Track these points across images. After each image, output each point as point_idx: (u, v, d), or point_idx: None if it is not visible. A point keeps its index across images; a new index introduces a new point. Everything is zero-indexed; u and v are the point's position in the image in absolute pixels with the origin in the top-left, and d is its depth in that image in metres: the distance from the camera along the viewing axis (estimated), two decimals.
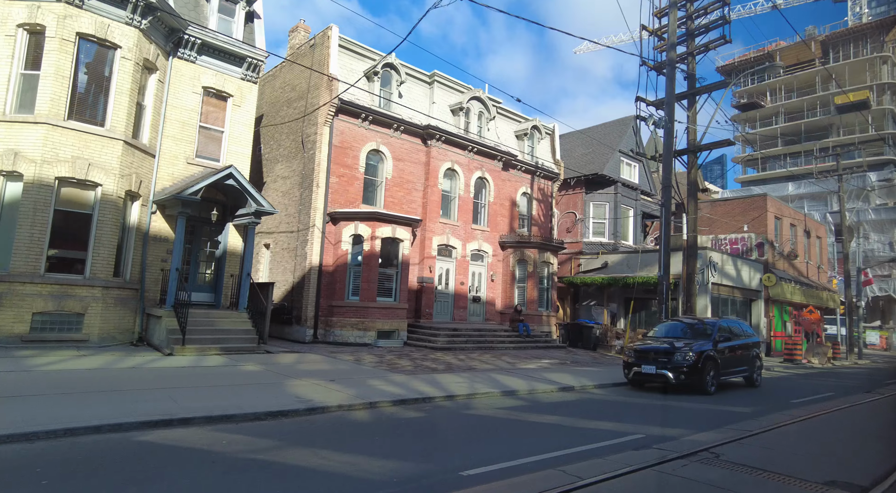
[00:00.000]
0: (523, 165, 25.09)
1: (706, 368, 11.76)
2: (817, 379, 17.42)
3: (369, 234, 17.98)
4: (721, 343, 12.63)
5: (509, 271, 23.93)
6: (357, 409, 8.03)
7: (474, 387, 10.49)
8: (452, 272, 21.80)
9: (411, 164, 20.90)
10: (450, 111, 22.45)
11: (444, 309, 21.41)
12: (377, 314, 17.87)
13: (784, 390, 13.67)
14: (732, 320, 14.42)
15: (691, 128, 17.36)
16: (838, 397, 12.48)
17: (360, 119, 19.18)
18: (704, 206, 31.79)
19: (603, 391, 11.83)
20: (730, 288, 25.03)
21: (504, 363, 15.27)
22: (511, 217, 24.88)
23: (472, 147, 22.31)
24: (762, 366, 14.30)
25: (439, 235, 21.24)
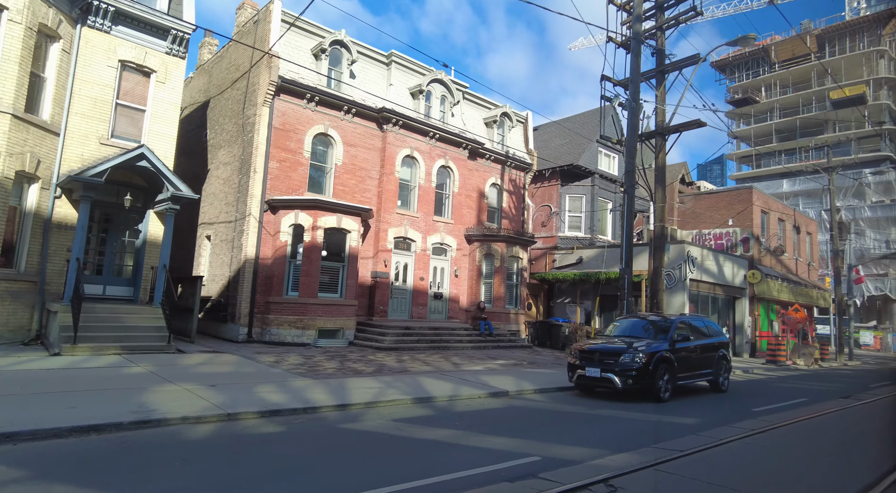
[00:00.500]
0: (492, 154, 23.65)
1: (658, 371, 10.33)
2: (796, 382, 16.00)
3: (310, 224, 16.54)
4: (680, 343, 11.21)
5: (475, 266, 22.51)
6: (206, 421, 6.61)
7: (384, 394, 9.07)
8: (411, 267, 20.37)
9: (365, 150, 19.46)
10: (409, 94, 21.02)
11: (401, 306, 19.98)
12: (318, 312, 16.44)
13: (752, 396, 12.25)
14: (696, 317, 12.99)
15: (660, 108, 15.93)
16: (810, 404, 11.07)
17: (304, 100, 17.75)
18: (688, 199, 30.38)
19: (541, 397, 10.40)
20: (710, 285, 23.62)
21: (448, 365, 13.85)
22: (479, 209, 23.45)
23: (433, 133, 20.87)
24: (730, 368, 12.88)
25: (396, 227, 19.81)
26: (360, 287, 19.02)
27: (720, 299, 24.76)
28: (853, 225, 33.54)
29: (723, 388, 12.42)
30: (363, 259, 19.16)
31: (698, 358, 11.78)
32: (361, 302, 19.04)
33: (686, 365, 11.30)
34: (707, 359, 12.10)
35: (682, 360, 11.16)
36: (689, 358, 11.45)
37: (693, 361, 11.59)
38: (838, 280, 29.11)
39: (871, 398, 12.30)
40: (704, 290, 23.29)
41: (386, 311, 19.34)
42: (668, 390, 10.56)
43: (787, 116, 64.76)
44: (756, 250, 27.45)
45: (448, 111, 21.86)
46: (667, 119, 15.94)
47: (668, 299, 21.94)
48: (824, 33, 64.11)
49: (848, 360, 28.85)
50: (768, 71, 67.76)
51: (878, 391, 14.07)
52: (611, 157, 28.50)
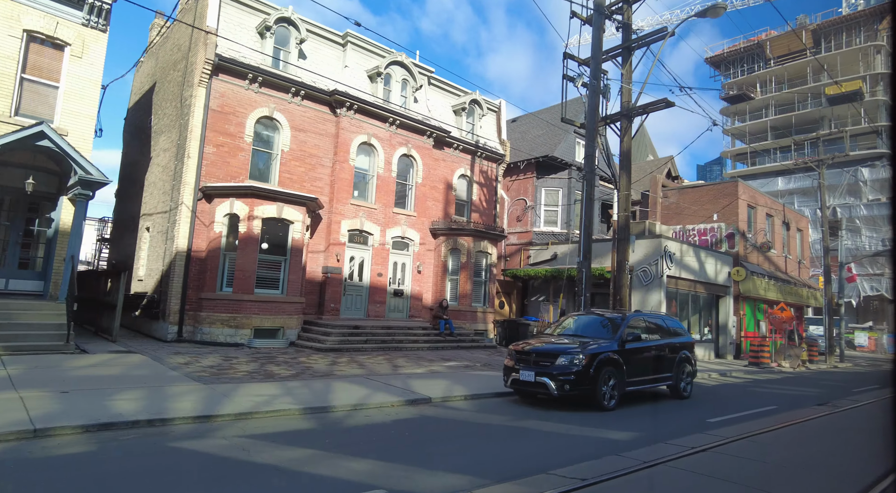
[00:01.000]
0: (461, 143, 22.34)
1: (601, 375, 9.01)
2: (773, 387, 14.68)
3: (246, 213, 15.22)
4: (631, 343, 9.89)
5: (441, 261, 21.20)
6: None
7: (271, 403, 7.76)
8: (368, 262, 19.05)
9: (316, 135, 18.15)
10: (367, 77, 19.70)
11: (355, 304, 18.67)
12: (254, 309, 15.11)
13: (715, 404, 10.93)
14: (656, 315, 11.66)
15: (626, 88, 14.62)
16: (778, 413, 9.76)
17: (246, 81, 16.44)
18: (672, 194, 29.06)
19: (467, 405, 9.09)
20: (691, 282, 22.30)
21: (386, 368, 12.54)
22: (446, 202, 22.13)
23: (393, 119, 19.56)
24: (694, 372, 11.55)
25: (351, 219, 18.49)
26: (310, 284, 17.72)
27: (702, 298, 23.45)
28: (845, 221, 32.17)
29: (684, 394, 11.08)
30: (313, 253, 17.86)
31: (655, 361, 10.46)
32: (311, 300, 17.74)
33: (638, 368, 9.99)
34: (666, 362, 10.78)
35: (633, 362, 9.84)
36: (642, 360, 10.13)
37: (648, 363, 10.27)
38: (829, 278, 27.77)
39: (849, 405, 10.98)
40: (684, 287, 21.97)
41: (338, 309, 18.03)
42: (613, 397, 9.23)
43: (783, 112, 63.48)
44: (741, 247, 26.14)
45: (410, 96, 20.54)
46: (633, 99, 14.63)
47: (644, 297, 20.65)
48: (820, 28, 62.81)
49: (839, 362, 27.53)
50: (763, 67, 66.53)
51: (860, 397, 12.76)
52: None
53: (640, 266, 20.89)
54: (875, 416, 10.35)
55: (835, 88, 57.60)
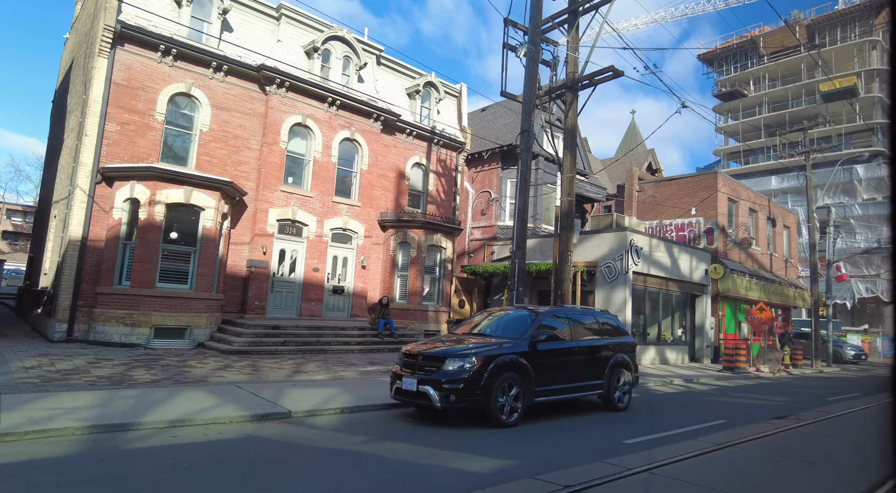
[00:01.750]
0: (415, 129, 20.67)
1: (498, 383, 7.32)
2: (737, 396, 12.99)
3: (147, 197, 13.54)
4: (546, 343, 8.20)
5: (389, 256, 19.53)
6: None
7: (49, 421, 6.07)
8: (302, 256, 17.37)
9: (242, 115, 16.49)
10: (304, 54, 18.04)
11: (287, 302, 16.98)
12: (155, 306, 13.42)
13: (653, 418, 9.24)
14: (585, 311, 9.93)
15: (571, 57, 12.94)
16: (724, 430, 8.07)
17: (158, 52, 14.79)
18: (648, 187, 27.39)
19: (334, 421, 7.40)
20: (662, 280, 20.60)
21: (283, 374, 10.86)
22: (397, 192, 20.47)
23: (333, 99, 17.91)
24: (634, 379, 9.84)
25: (281, 208, 16.82)
26: (232, 279, 16.05)
27: (675, 297, 21.74)
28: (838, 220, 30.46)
29: (619, 406, 9.37)
30: (236, 245, 16.19)
31: (578, 365, 8.76)
32: (233, 297, 16.07)
33: (554, 374, 8.29)
34: (595, 366, 9.08)
35: (546, 367, 8.15)
36: (560, 365, 8.44)
37: (567, 368, 8.57)
38: (815, 277, 26.06)
39: (813, 419, 9.29)
40: (654, 285, 20.27)
41: (264, 307, 16.34)
42: (515, 410, 7.53)
43: (777, 110, 61.89)
44: (721, 243, 24.46)
45: (353, 75, 18.87)
46: (580, 69, 12.96)
47: (608, 295, 18.97)
48: (814, 24, 61.26)
49: (826, 366, 25.85)
50: (757, 64, 64.97)
51: (832, 407, 11.06)
52: (557, 137, 25.49)
53: (605, 262, 19.22)
54: (843, 432, 8.66)
55: (829, 84, 55.99)
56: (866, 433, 8.55)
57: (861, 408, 11.29)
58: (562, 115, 25.40)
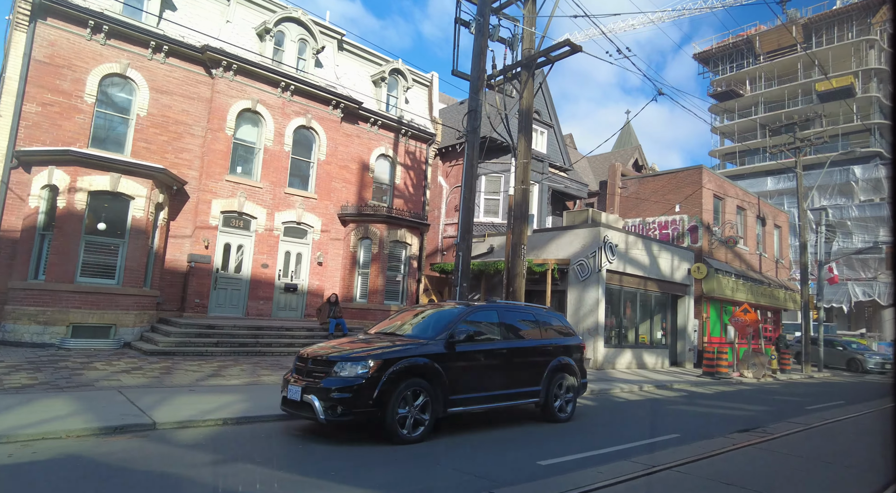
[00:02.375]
0: (380, 118, 19.56)
1: (398, 391, 6.18)
2: (708, 404, 11.84)
3: (67, 184, 12.42)
4: (464, 345, 7.05)
5: (349, 252, 18.40)
6: None
7: None
8: (249, 250, 16.24)
9: (185, 99, 15.39)
10: (256, 36, 16.95)
11: (231, 300, 15.85)
12: (74, 302, 12.29)
13: (597, 430, 8.07)
14: (523, 307, 8.76)
15: (527, 32, 11.83)
16: (671, 447, 6.93)
17: (88, 29, 13.70)
18: (631, 183, 26.27)
19: (204, 435, 6.26)
20: (640, 279, 19.45)
21: (195, 378, 9.73)
22: (360, 184, 19.35)
23: (287, 84, 16.81)
24: (580, 385, 8.70)
25: (226, 199, 15.70)
26: (171, 274, 14.93)
27: (654, 297, 20.58)
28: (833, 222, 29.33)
29: (560, 416, 8.21)
30: (176, 238, 15.07)
31: (510, 369, 7.61)
32: (172, 293, 14.94)
33: (478, 380, 7.15)
34: (531, 371, 7.93)
35: (467, 372, 7.02)
36: (485, 369, 7.30)
37: (495, 373, 7.42)
38: (806, 278, 24.93)
39: (782, 432, 8.15)
40: (631, 285, 19.12)
41: (205, 305, 15.20)
42: (421, 422, 6.39)
43: (773, 110, 60.84)
44: (706, 241, 23.31)
45: (310, 60, 17.76)
46: (537, 45, 11.84)
47: (580, 295, 17.83)
48: (811, 23, 60.27)
49: (817, 371, 24.67)
50: (753, 63, 63.99)
51: (809, 417, 9.91)
52: (537, 131, 24.40)
53: (578, 259, 18.08)
54: (812, 449, 7.50)
55: (826, 84, 54.95)
56: (838, 449, 7.41)
57: (841, 418, 10.15)
58: (541, 105, 24.27)
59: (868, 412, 11.48)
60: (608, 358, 17.61)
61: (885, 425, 9.96)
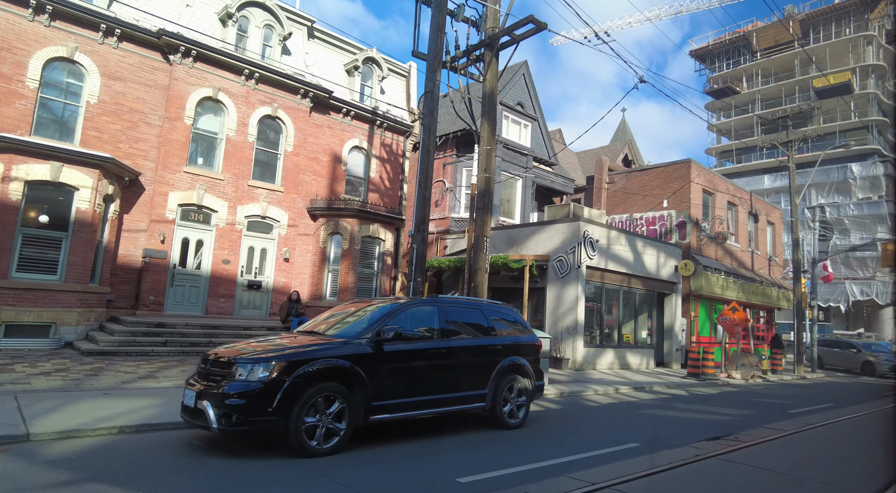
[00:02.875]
0: (353, 109, 18.79)
1: (304, 397, 5.40)
2: (684, 408, 11.06)
3: (1, 173, 11.64)
4: (393, 344, 6.27)
5: (319, 248, 17.63)
6: None
7: None
8: (210, 246, 15.47)
9: (140, 86, 14.61)
10: (218, 21, 16.18)
11: (190, 297, 15.07)
12: (8, 299, 11.49)
13: (547, 439, 7.28)
14: (469, 302, 7.92)
15: (491, 9, 11.04)
16: (625, 459, 6.17)
17: (29, 9, 12.93)
18: (619, 178, 25.48)
19: (82, 446, 5.49)
20: (623, 276, 18.67)
21: (125, 379, 8.96)
22: (332, 178, 18.58)
23: (251, 72, 16.04)
24: (535, 388, 7.92)
25: (184, 191, 14.93)
26: (124, 270, 14.16)
27: (638, 295, 19.80)
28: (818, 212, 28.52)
29: (510, 421, 7.44)
30: (130, 232, 14.29)
31: (450, 371, 6.84)
32: (125, 290, 14.17)
33: (410, 383, 6.38)
34: (476, 372, 7.16)
35: (397, 374, 6.25)
36: (419, 371, 6.52)
37: (432, 375, 6.65)
38: (798, 276, 24.17)
39: (756, 439, 7.37)
40: (614, 282, 18.34)
41: (161, 302, 14.43)
42: (334, 432, 5.61)
43: (770, 107, 60.06)
44: (694, 237, 22.54)
45: (277, 47, 16.99)
46: (501, 23, 11.06)
47: (560, 292, 17.06)
48: (808, 18, 59.51)
49: (810, 371, 23.89)
50: (750, 60, 63.28)
51: (790, 423, 9.12)
52: (520, 123, 23.63)
53: (557, 255, 17.31)
54: (783, 460, 6.72)
55: (823, 80, 54.18)
56: (817, 459, 6.63)
57: (825, 423, 9.37)
58: (525, 97, 23.50)
59: (856, 416, 10.70)
60: (588, 358, 16.83)
61: (873, 431, 9.19)
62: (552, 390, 11.34)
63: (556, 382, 12.94)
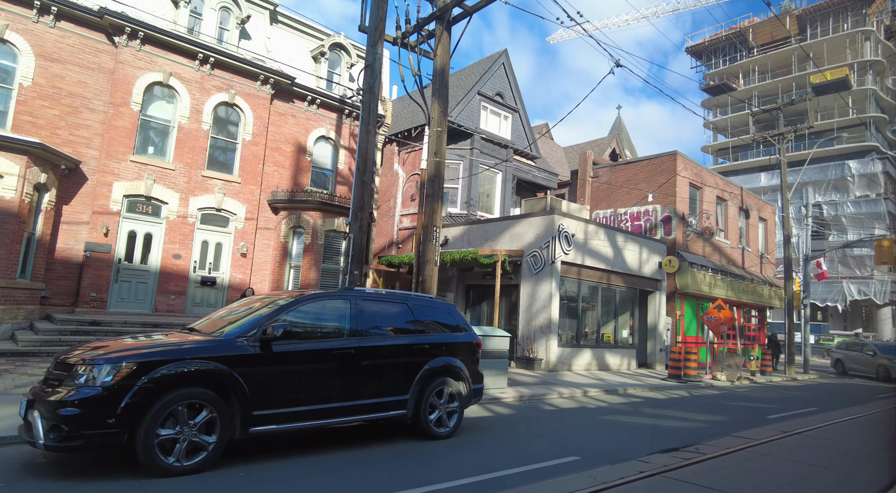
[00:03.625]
0: (318, 96, 17.90)
1: (156, 406, 4.51)
2: (651, 413, 10.16)
3: None
4: (284, 343, 5.38)
5: (280, 243, 16.74)
6: None
7: None
8: (160, 239, 14.58)
9: (82, 69, 13.73)
10: (170, 2, 15.29)
11: (138, 294, 14.18)
12: None
13: (475, 451, 6.37)
14: (390, 295, 7.02)
15: None
16: (555, 477, 5.27)
17: None
18: (603, 172, 24.58)
19: None
20: (602, 273, 17.77)
21: (8, 385, 8.05)
22: (296, 169, 17.69)
23: (206, 56, 15.16)
24: (474, 391, 7.03)
25: (131, 181, 14.04)
26: (63, 265, 13.28)
27: (619, 292, 18.89)
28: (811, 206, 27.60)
29: (438, 431, 6.54)
30: (70, 225, 13.41)
31: (358, 374, 5.93)
32: (64, 286, 13.29)
33: (304, 389, 5.48)
34: (394, 376, 6.26)
35: (287, 379, 5.35)
36: (317, 374, 5.62)
37: (334, 379, 5.74)
38: (790, 273, 23.27)
39: (719, 451, 6.47)
40: (592, 278, 17.44)
41: (104, 299, 13.54)
42: (201, 447, 4.72)
43: (767, 104, 59.11)
44: (680, 233, 21.63)
45: (234, 30, 16.11)
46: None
47: (533, 289, 16.17)
48: (805, 14, 58.63)
49: (803, 372, 22.99)
50: (746, 56, 62.42)
51: (765, 430, 8.21)
52: (500, 115, 22.74)
53: (531, 251, 16.41)
54: (742, 480, 5.81)
55: (820, 76, 53.26)
56: (782, 477, 5.72)
57: (802, 430, 8.46)
58: (504, 87, 22.59)
59: (840, 422, 9.80)
60: (563, 359, 15.93)
61: (857, 438, 8.29)
62: (511, 394, 10.46)
63: (522, 384, 12.05)
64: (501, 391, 10.50)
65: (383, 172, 23.50)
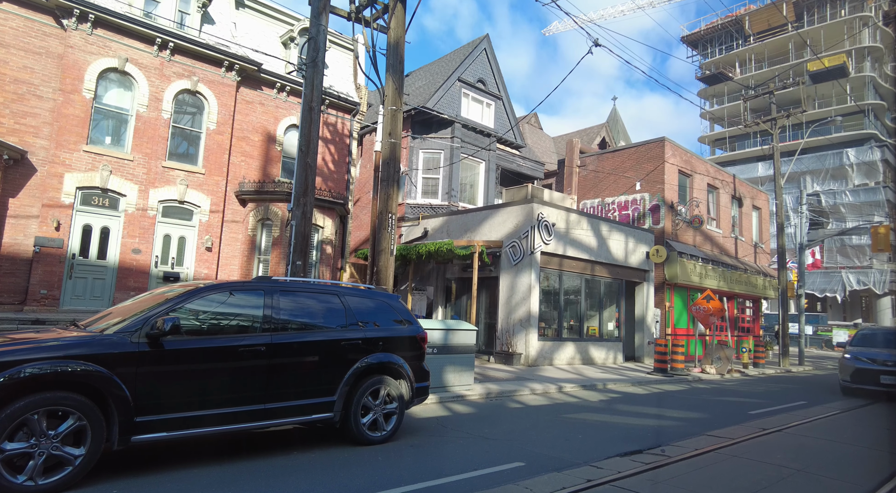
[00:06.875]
0: (289, 83, 17.18)
1: (17, 414, 3.82)
2: (627, 410, 9.50)
3: None
4: (177, 341, 4.71)
5: (248, 236, 16.07)
6: None
7: None
8: (118, 234, 13.91)
9: (27, 54, 13.02)
10: None
11: (94, 291, 13.51)
12: None
13: (397, 460, 5.69)
14: (318, 285, 6.31)
15: None
16: (492, 488, 4.59)
17: None
18: (590, 160, 23.86)
19: None
20: (586, 263, 17.09)
21: None
22: (266, 159, 16.99)
23: (165, 42, 14.44)
24: (416, 391, 6.37)
25: (84, 173, 13.35)
26: (11, 261, 12.62)
27: (604, 284, 18.20)
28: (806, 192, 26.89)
29: (370, 435, 5.88)
30: (18, 218, 12.74)
31: (273, 374, 5.26)
32: (12, 283, 12.63)
33: (202, 391, 4.81)
34: (318, 375, 5.59)
35: (181, 380, 4.69)
36: (219, 374, 4.95)
37: (242, 380, 5.07)
38: (783, 263, 22.55)
39: (685, 453, 5.81)
40: (575, 269, 16.76)
41: (56, 297, 12.88)
42: (63, 462, 4.06)
43: (764, 92, 58.23)
44: (669, 222, 20.92)
45: (195, 14, 15.37)
46: None
47: (513, 281, 15.50)
48: (803, 0, 57.71)
49: (798, 364, 22.35)
50: (743, 44, 61.55)
51: (743, 428, 7.54)
52: (482, 102, 22.00)
53: (510, 241, 15.74)
54: (703, 486, 5.14)
55: (818, 64, 52.40)
56: (748, 485, 5.05)
57: (784, 427, 7.80)
58: (486, 74, 21.84)
59: (826, 417, 9.14)
60: (544, 353, 15.27)
61: (840, 435, 7.62)
62: (478, 391, 9.81)
63: (493, 380, 11.39)
64: (467, 389, 9.85)
65: (362, 163, 22.80)
